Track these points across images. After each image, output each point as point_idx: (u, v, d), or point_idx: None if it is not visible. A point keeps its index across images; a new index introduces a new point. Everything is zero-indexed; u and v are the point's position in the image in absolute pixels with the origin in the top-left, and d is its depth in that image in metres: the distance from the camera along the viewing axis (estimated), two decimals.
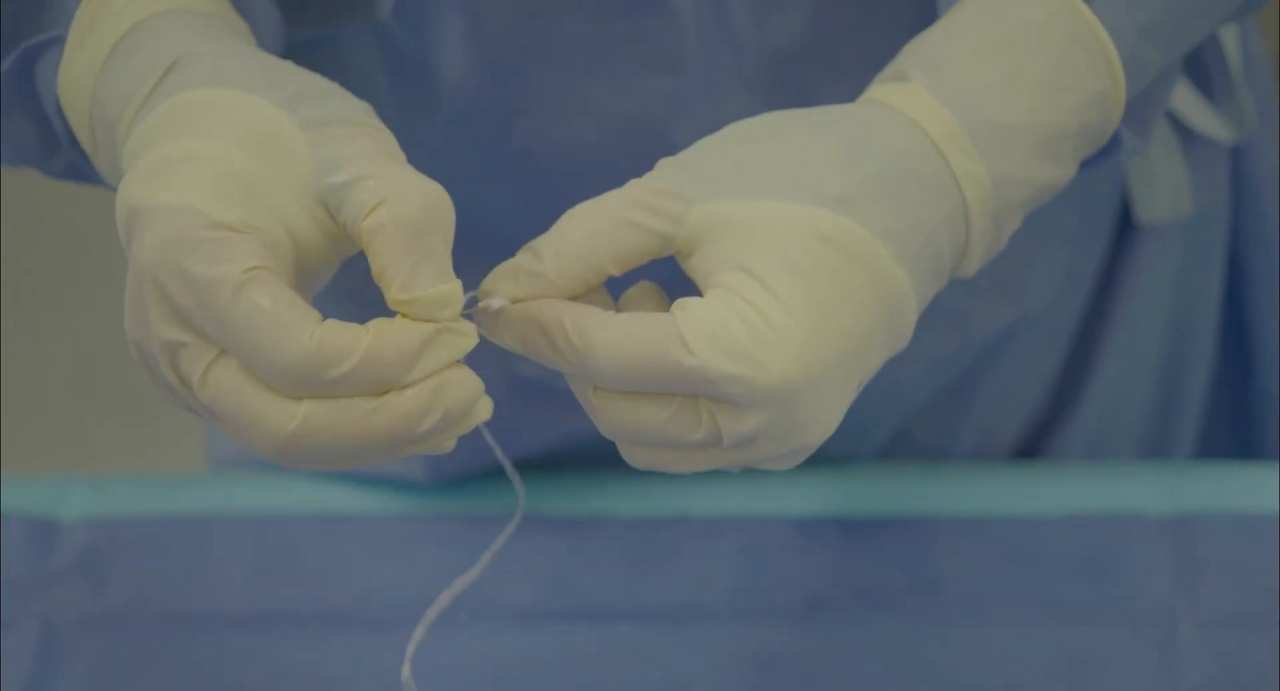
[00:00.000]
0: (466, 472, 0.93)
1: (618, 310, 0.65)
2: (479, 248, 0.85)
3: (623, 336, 0.62)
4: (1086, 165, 0.72)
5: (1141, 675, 0.84)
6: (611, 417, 0.64)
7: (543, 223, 0.82)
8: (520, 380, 0.87)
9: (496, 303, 0.65)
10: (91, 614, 0.88)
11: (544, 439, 0.90)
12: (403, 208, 0.60)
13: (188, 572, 0.90)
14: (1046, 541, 0.89)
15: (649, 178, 0.64)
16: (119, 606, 0.88)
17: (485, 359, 0.88)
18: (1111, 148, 0.72)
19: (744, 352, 0.61)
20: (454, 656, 0.86)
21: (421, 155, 0.81)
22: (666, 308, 0.65)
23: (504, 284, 0.65)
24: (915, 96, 0.67)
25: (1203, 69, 0.90)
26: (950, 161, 0.66)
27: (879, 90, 0.68)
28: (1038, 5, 0.69)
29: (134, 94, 0.63)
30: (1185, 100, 0.89)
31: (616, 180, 0.80)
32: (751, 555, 0.89)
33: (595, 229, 0.64)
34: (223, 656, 0.87)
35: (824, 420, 0.64)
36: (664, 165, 0.65)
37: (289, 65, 0.64)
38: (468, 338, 0.62)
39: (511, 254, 0.85)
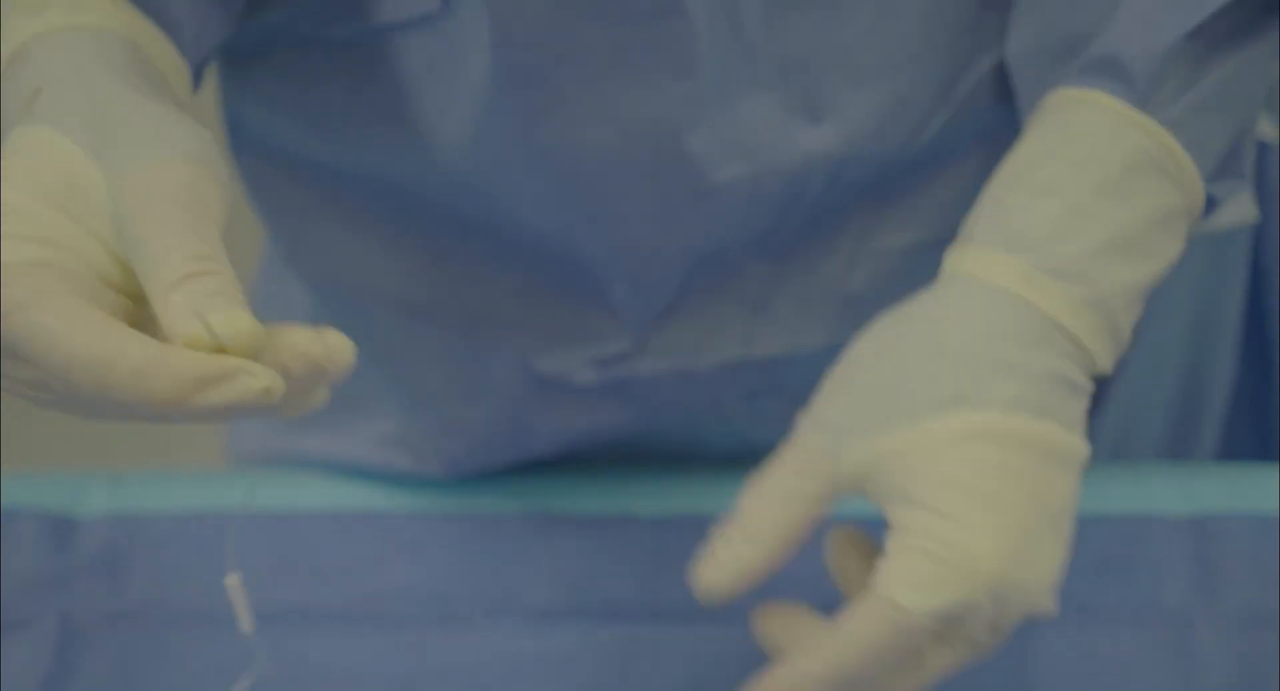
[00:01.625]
0: (484, 470, 0.93)
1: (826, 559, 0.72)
2: (500, 247, 0.85)
3: (858, 648, 0.67)
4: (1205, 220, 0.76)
5: (1159, 675, 0.84)
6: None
7: (563, 222, 0.82)
8: (539, 374, 0.87)
9: None
10: (110, 611, 0.88)
11: (562, 435, 0.90)
12: (170, 269, 0.58)
13: (206, 570, 0.90)
14: None
15: (795, 444, 0.71)
16: (138, 603, 0.89)
17: (504, 349, 0.88)
18: (1212, 207, 0.76)
19: (946, 581, 0.66)
20: (470, 655, 0.86)
21: (446, 156, 0.81)
22: (868, 547, 0.71)
23: (712, 574, 0.72)
24: (987, 256, 0.71)
25: None
26: (1043, 308, 0.68)
27: (954, 259, 0.73)
28: (1096, 128, 0.73)
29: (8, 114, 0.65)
30: None
31: (634, 182, 0.80)
32: None
33: (774, 512, 0.71)
34: (240, 653, 0.87)
35: (1044, 582, 0.69)
36: (803, 426, 0.71)
37: (128, 97, 0.63)
38: (257, 379, 0.56)
39: (533, 259, 0.85)
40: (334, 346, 0.59)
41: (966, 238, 0.73)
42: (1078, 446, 0.69)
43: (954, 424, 0.66)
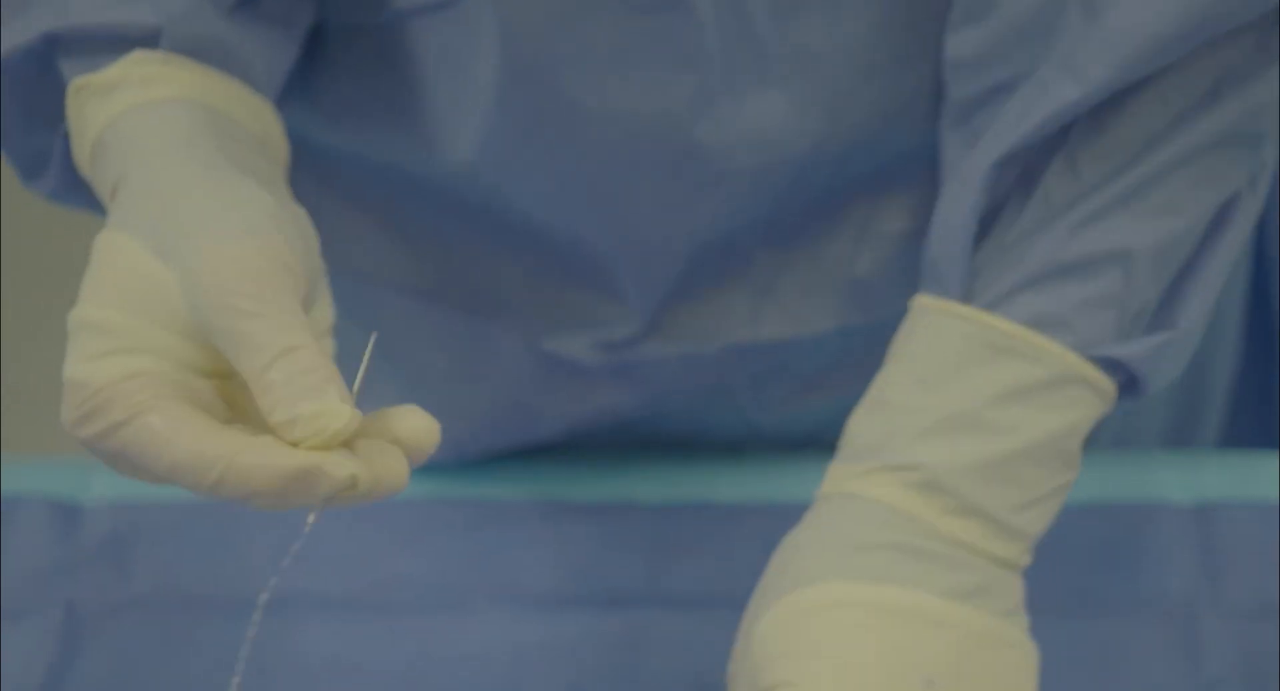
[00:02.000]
0: (488, 453, 0.93)
1: None
2: (505, 233, 0.85)
3: None
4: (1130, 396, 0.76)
5: (1164, 664, 0.84)
6: None
7: (569, 211, 0.82)
8: (544, 356, 0.87)
9: None
10: (115, 598, 0.88)
11: (567, 418, 0.90)
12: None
13: (211, 557, 0.90)
14: (1069, 530, 0.89)
15: None
16: (143, 591, 0.89)
17: (509, 331, 0.88)
18: (1130, 374, 0.76)
19: None
20: (474, 642, 0.86)
21: (452, 146, 0.81)
22: None
23: None
24: (878, 481, 0.72)
25: None
26: (912, 511, 0.71)
27: (839, 476, 0.74)
28: (924, 332, 0.75)
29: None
30: None
31: (640, 173, 0.80)
32: (776, 542, 0.89)
33: None
34: (245, 640, 0.87)
35: None
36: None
37: (193, 180, 0.65)
38: (340, 473, 0.60)
39: (539, 246, 0.85)
40: (427, 431, 0.63)
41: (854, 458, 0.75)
42: (959, 615, 0.70)
43: (819, 593, 0.69)
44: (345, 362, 0.71)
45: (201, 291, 0.62)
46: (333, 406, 0.60)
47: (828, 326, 0.87)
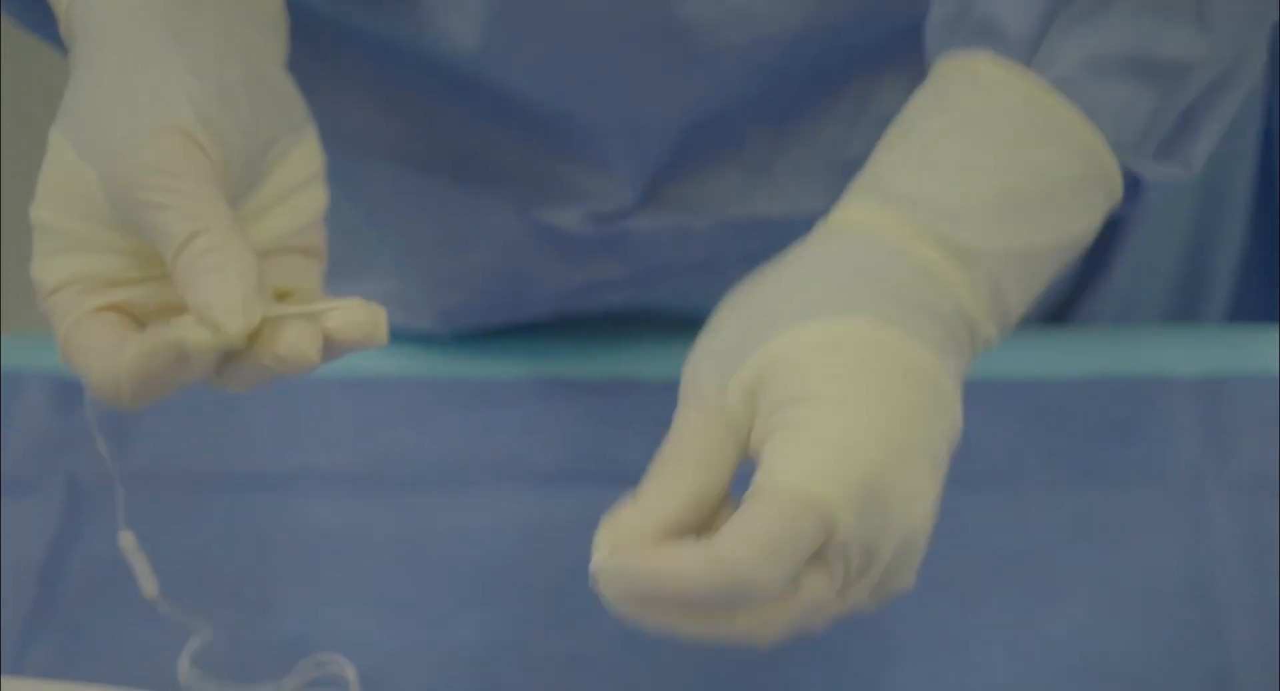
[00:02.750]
0: (479, 326, 0.93)
1: None
2: (496, 105, 0.84)
3: (750, 546, 0.60)
4: (1136, 200, 0.71)
5: (1169, 535, 0.84)
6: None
7: (556, 87, 0.81)
8: (535, 225, 0.87)
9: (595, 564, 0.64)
10: (117, 472, 0.88)
11: (557, 290, 0.90)
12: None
13: (211, 433, 0.90)
14: (1075, 404, 0.89)
15: (689, 399, 0.65)
16: (145, 465, 0.89)
17: (500, 199, 0.87)
18: (1138, 190, 0.71)
19: (835, 464, 0.61)
20: (474, 518, 0.86)
21: (440, 21, 0.80)
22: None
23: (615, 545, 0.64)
24: (864, 210, 0.67)
25: None
26: (921, 256, 0.66)
27: (833, 215, 0.69)
28: (971, 92, 0.69)
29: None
30: None
31: (625, 48, 0.79)
32: None
33: (685, 487, 0.64)
34: (245, 515, 0.87)
35: (919, 506, 0.64)
36: (688, 375, 0.66)
37: (121, 68, 0.66)
38: (195, 336, 0.63)
39: (531, 119, 0.84)
40: (353, 326, 0.64)
41: (845, 195, 0.69)
42: (949, 383, 0.65)
43: (821, 329, 0.64)
44: (336, 237, 0.70)
45: (114, 190, 0.64)
46: (225, 302, 0.61)
47: (821, 206, 0.85)
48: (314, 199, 0.69)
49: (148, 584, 0.74)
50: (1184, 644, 0.80)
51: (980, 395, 0.89)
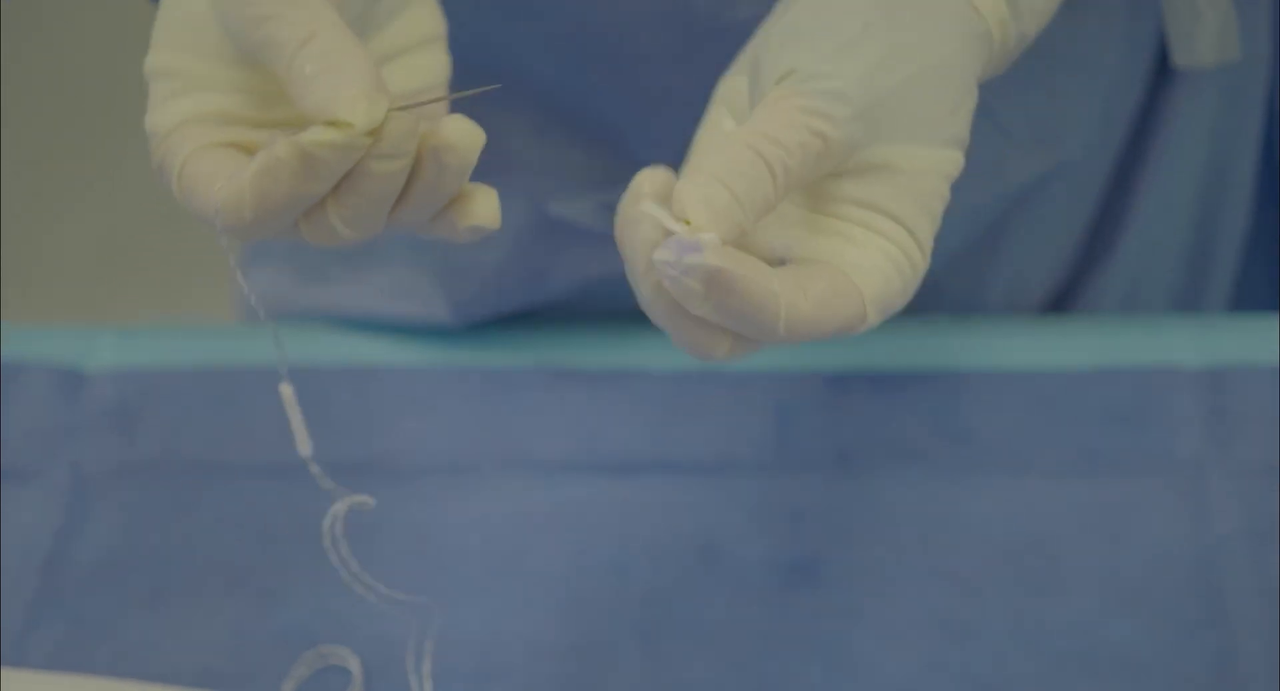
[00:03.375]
0: (493, 315, 0.93)
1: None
2: (512, 90, 0.84)
3: (822, 308, 0.61)
4: None
5: (1172, 525, 0.84)
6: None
7: (574, 67, 0.81)
8: (548, 220, 0.87)
9: (707, 239, 0.59)
10: (121, 463, 0.88)
11: (572, 280, 0.90)
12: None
13: (216, 423, 0.90)
14: (1079, 393, 0.89)
15: (821, 116, 0.62)
16: (149, 456, 0.89)
17: (512, 193, 0.87)
18: None
19: (891, 310, 0.63)
20: (483, 508, 0.86)
21: (475, 30, 0.80)
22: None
23: (695, 212, 0.60)
24: None
25: None
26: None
27: None
28: None
29: None
30: None
31: (643, 24, 0.79)
32: (782, 408, 0.89)
33: (775, 186, 0.61)
34: (251, 505, 0.87)
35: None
36: (822, 94, 0.62)
37: None
38: (323, 135, 0.59)
39: (546, 102, 0.84)
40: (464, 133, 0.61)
41: None
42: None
43: (946, 161, 0.64)
44: None
45: (224, 10, 0.62)
46: (345, 95, 0.59)
47: None
48: (435, 61, 0.67)
49: (301, 440, 0.71)
50: (1188, 632, 0.80)
51: (983, 384, 0.90)
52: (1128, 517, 0.84)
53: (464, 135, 0.60)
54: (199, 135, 0.63)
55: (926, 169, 0.63)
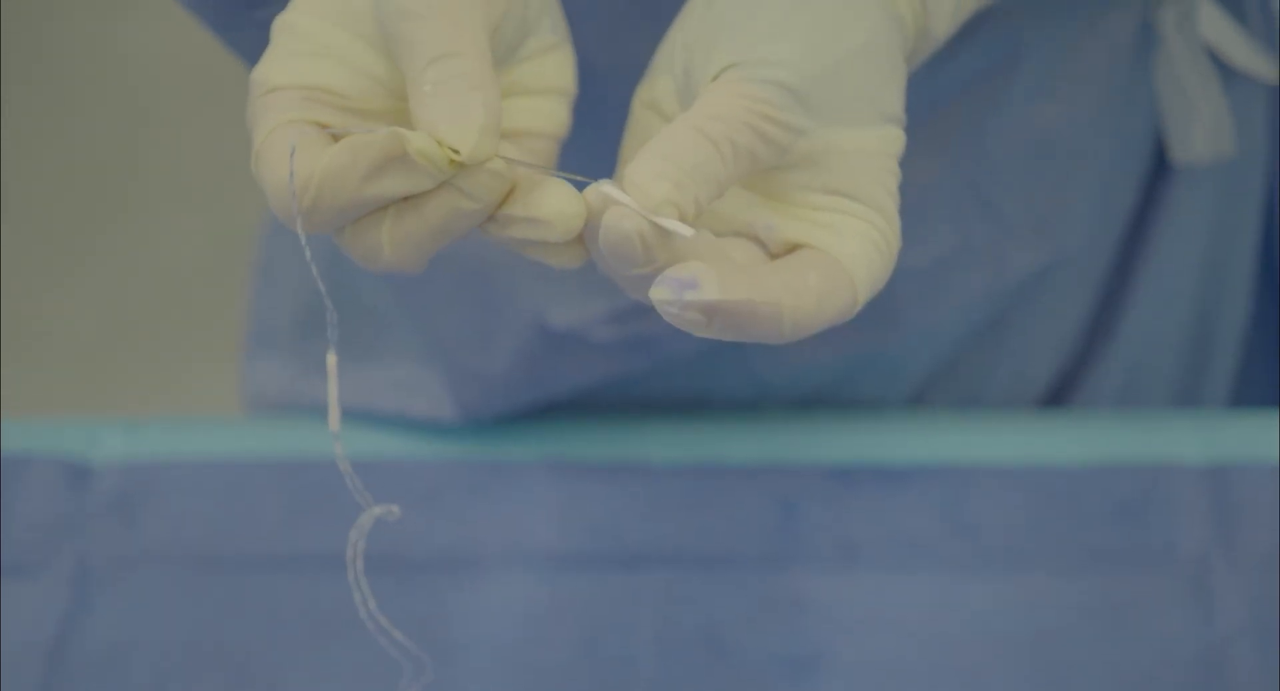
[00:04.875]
0: (498, 415, 0.93)
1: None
2: None
3: (822, 301, 0.62)
4: None
5: (1177, 621, 0.84)
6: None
7: (588, 168, 0.81)
8: (551, 333, 0.87)
9: (702, 274, 0.60)
10: (125, 555, 0.88)
11: (578, 384, 0.90)
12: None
13: (221, 515, 0.90)
14: (1082, 488, 0.89)
15: (762, 101, 0.62)
16: (153, 548, 0.89)
17: (516, 304, 0.87)
18: None
19: (877, 288, 0.63)
20: (486, 600, 0.86)
21: None
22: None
23: (650, 186, 0.60)
24: None
25: (1240, 2, 0.89)
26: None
27: None
28: None
29: None
30: (1223, 33, 0.89)
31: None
32: (786, 501, 0.89)
33: (722, 159, 0.61)
34: (256, 598, 0.87)
35: None
36: (766, 83, 0.62)
37: None
38: (419, 143, 0.59)
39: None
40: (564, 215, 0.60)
41: None
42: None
43: (893, 139, 0.64)
44: (363, 319, 0.69)
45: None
46: (464, 122, 0.58)
47: None
48: (556, 111, 0.66)
49: (333, 416, 0.68)
50: None
51: (987, 479, 0.90)
52: (1132, 613, 0.84)
53: (563, 217, 0.60)
54: (300, 107, 0.61)
55: (874, 149, 0.63)
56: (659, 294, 0.59)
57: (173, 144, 2.25)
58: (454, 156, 0.59)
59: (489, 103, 0.59)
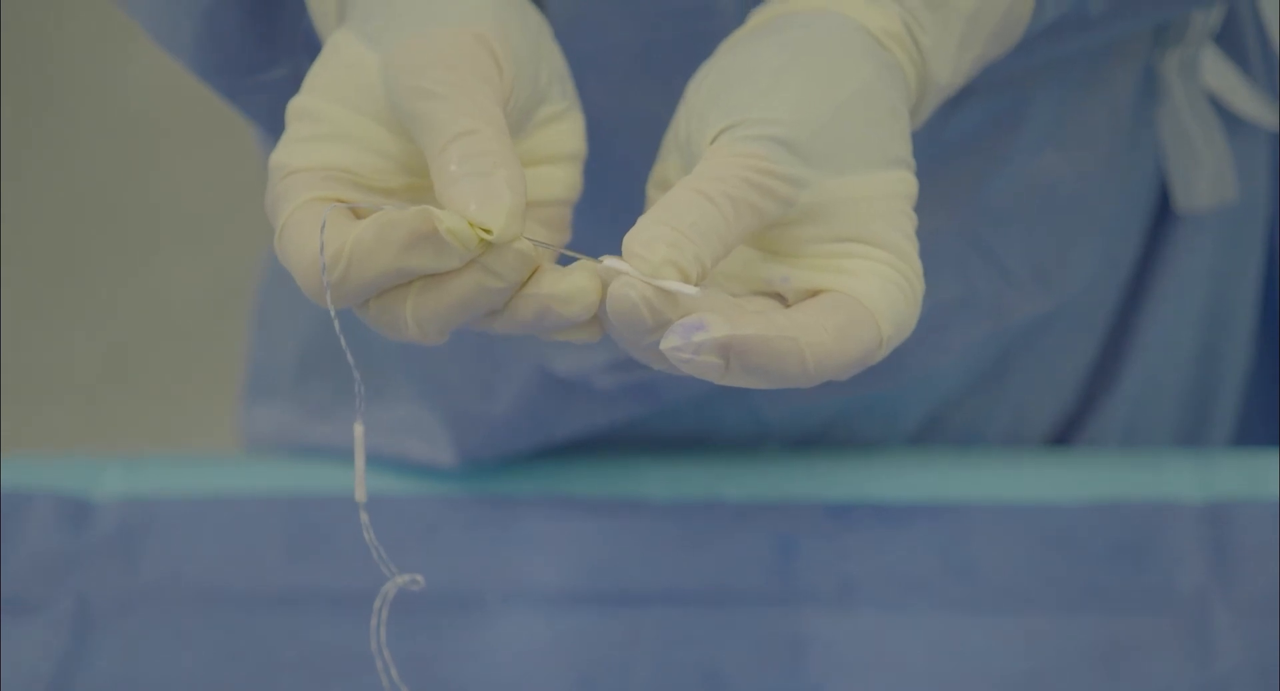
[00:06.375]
0: (498, 457, 0.93)
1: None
2: None
3: (843, 340, 0.61)
4: None
5: (1175, 661, 0.84)
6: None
7: (592, 225, 0.82)
8: (553, 378, 0.87)
9: (708, 316, 0.60)
10: (126, 592, 0.88)
11: (579, 429, 0.90)
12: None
13: (222, 552, 0.90)
14: (1080, 528, 0.89)
15: (758, 157, 0.62)
16: (153, 585, 0.89)
17: (518, 353, 0.88)
18: None
19: (905, 330, 0.63)
20: (485, 640, 0.86)
21: None
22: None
23: (646, 250, 0.60)
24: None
25: (1242, 49, 0.89)
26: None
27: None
28: None
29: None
30: (1225, 80, 0.89)
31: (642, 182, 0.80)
32: (784, 539, 0.89)
33: (722, 215, 0.61)
34: (256, 635, 0.87)
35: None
36: (760, 140, 0.63)
37: None
38: (450, 222, 0.59)
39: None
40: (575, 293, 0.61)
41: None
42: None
43: (902, 182, 0.64)
44: (365, 364, 0.69)
45: (393, 74, 0.62)
46: (491, 204, 0.59)
47: None
48: (569, 177, 0.67)
49: (359, 487, 0.68)
50: None
51: (985, 518, 0.90)
52: (1130, 653, 0.84)
53: (583, 292, 0.61)
54: (321, 186, 0.62)
55: (881, 192, 0.63)
56: (668, 343, 0.59)
57: (174, 182, 2.25)
58: (484, 236, 0.59)
59: (514, 183, 0.60)
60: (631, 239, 0.60)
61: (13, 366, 2.06)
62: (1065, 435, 0.98)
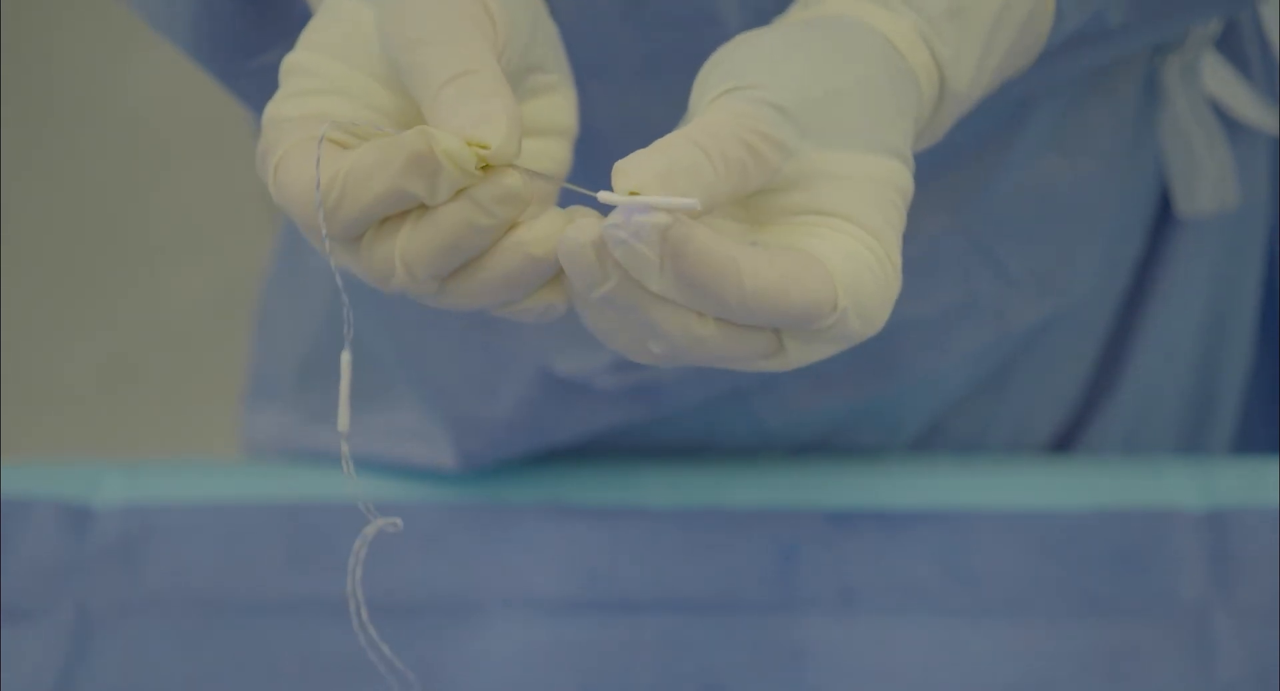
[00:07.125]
0: (498, 461, 0.93)
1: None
2: None
3: (787, 279, 0.60)
4: None
5: (1176, 669, 0.84)
6: (707, 350, 0.62)
7: None
8: (555, 379, 0.87)
9: (655, 200, 0.59)
10: (126, 599, 0.88)
11: (580, 432, 0.90)
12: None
13: (222, 559, 0.90)
14: (1082, 535, 0.89)
15: (753, 118, 0.62)
16: (154, 592, 0.89)
17: (519, 353, 0.88)
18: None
19: (869, 314, 0.62)
20: (486, 646, 0.86)
21: None
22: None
23: (641, 180, 0.60)
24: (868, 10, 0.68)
25: (1243, 54, 0.89)
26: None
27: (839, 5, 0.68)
28: None
29: None
30: (1226, 85, 0.89)
31: None
32: (785, 546, 0.89)
33: (713, 167, 0.61)
34: (257, 642, 0.87)
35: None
36: (758, 102, 0.63)
37: None
38: (447, 142, 0.59)
39: None
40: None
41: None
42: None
43: (893, 171, 0.64)
44: (365, 366, 0.69)
45: (387, 26, 0.62)
46: (490, 124, 0.59)
47: None
48: (558, 152, 0.67)
49: (342, 417, 0.68)
50: None
51: (986, 525, 0.90)
52: (1131, 660, 0.84)
53: (548, 237, 0.60)
54: (312, 128, 0.62)
55: (871, 176, 0.63)
56: (611, 219, 0.58)
57: (175, 190, 2.25)
58: (482, 153, 0.59)
59: (509, 108, 0.59)
60: (625, 162, 0.60)
61: (14, 374, 2.06)
62: (1067, 439, 0.98)
